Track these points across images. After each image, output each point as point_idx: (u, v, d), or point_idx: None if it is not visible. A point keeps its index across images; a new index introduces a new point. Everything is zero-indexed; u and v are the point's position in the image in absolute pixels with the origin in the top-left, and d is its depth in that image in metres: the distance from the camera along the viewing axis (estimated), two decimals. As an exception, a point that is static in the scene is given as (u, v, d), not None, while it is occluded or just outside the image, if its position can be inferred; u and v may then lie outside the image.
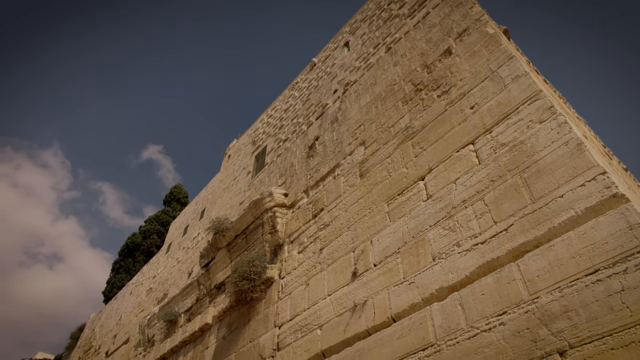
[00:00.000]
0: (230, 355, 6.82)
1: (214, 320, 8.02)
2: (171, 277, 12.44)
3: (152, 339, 10.29)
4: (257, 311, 6.81)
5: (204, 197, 14.31)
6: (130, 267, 24.40)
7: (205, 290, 8.86)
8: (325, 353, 5.02)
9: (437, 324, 3.93)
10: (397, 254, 4.79)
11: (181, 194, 28.74)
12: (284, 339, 5.81)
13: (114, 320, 15.82)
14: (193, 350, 8.23)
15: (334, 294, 5.39)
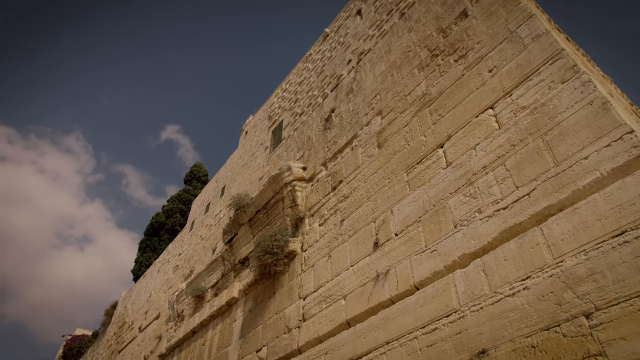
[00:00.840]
0: (258, 327, 7.01)
1: (239, 294, 8.22)
2: (196, 254, 12.74)
3: (181, 314, 10.64)
4: (282, 284, 6.94)
5: (223, 174, 14.46)
6: (156, 246, 25.04)
7: (230, 266, 9.06)
8: (350, 322, 5.12)
9: (460, 291, 3.95)
10: (418, 222, 4.79)
11: (201, 173, 29.08)
12: (309, 310, 5.93)
13: (144, 297, 16.37)
14: (222, 324, 8.49)
15: (356, 264, 5.45)
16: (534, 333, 3.19)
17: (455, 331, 3.81)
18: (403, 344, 4.27)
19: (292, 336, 6.03)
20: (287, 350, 5.95)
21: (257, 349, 6.74)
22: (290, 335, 6.09)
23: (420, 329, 4.15)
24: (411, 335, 4.22)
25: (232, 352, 7.50)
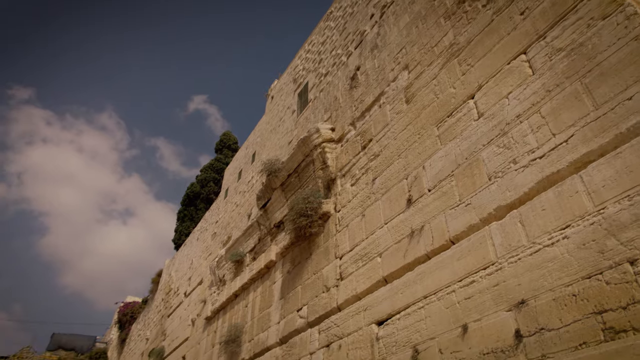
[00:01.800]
0: (297, 288, 7.22)
1: (277, 257, 8.43)
2: (232, 221, 13.06)
3: (223, 279, 11.05)
4: (317, 245, 7.07)
5: (252, 141, 14.56)
6: (193, 215, 25.82)
7: (266, 230, 9.26)
8: (387, 279, 5.19)
9: (497, 243, 3.91)
10: (450, 177, 4.71)
11: (231, 141, 29.38)
12: (346, 269, 6.04)
13: (186, 264, 17.05)
14: (262, 286, 8.78)
15: (390, 222, 5.46)
16: (574, 282, 3.15)
17: (493, 283, 3.80)
18: (441, 298, 4.31)
19: (330, 295, 6.18)
20: (327, 309, 6.12)
21: (297, 308, 6.96)
22: (329, 294, 6.24)
23: (458, 283, 4.17)
24: (449, 289, 4.25)
25: (274, 312, 7.78)
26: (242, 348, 8.53)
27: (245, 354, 8.31)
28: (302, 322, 6.66)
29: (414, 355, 4.38)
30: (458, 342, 3.95)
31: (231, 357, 8.88)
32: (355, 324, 5.49)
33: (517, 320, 3.47)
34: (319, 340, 6.13)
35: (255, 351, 7.91)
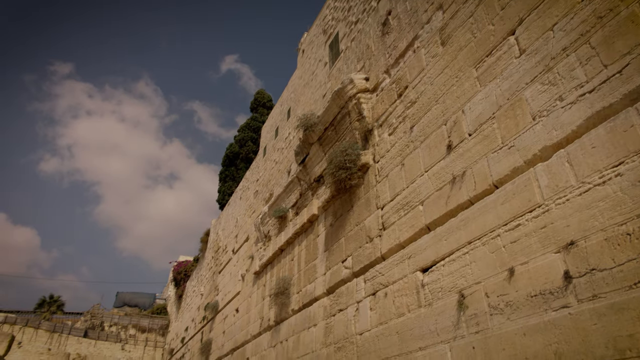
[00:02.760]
0: (340, 240, 7.35)
1: (319, 210, 8.56)
2: (273, 178, 13.28)
3: (267, 235, 11.39)
4: (358, 197, 7.10)
5: (286, 97, 14.48)
6: (234, 175, 26.41)
7: (306, 185, 9.37)
8: (429, 226, 5.18)
9: (543, 185, 3.79)
10: (492, 119, 4.54)
11: (265, 99, 29.37)
12: (388, 219, 6.06)
13: (232, 223, 17.64)
14: (306, 240, 9.00)
15: (430, 169, 5.38)
16: (628, 220, 3.03)
17: (540, 225, 3.72)
18: (485, 243, 4.28)
19: (374, 245, 6.27)
20: (371, 258, 6.23)
21: (342, 259, 7.12)
22: (372, 244, 6.33)
23: (503, 227, 4.11)
24: (493, 234, 4.20)
25: (319, 264, 8.00)
26: (291, 299, 8.89)
27: (294, 304, 8.67)
28: (348, 272, 6.82)
29: (459, 300, 4.43)
30: (504, 285, 3.94)
31: (281, 308, 9.29)
32: (400, 272, 5.57)
33: (566, 262, 3.41)
34: (365, 289, 6.29)
35: (304, 302, 8.23)
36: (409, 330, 5.12)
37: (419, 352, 4.86)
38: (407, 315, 5.21)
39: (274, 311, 9.64)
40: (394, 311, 5.48)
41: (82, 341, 31.42)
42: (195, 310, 20.92)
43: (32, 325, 30.76)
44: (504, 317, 3.87)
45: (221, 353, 13.54)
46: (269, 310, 10.07)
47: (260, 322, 10.58)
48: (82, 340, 31.45)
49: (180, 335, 23.86)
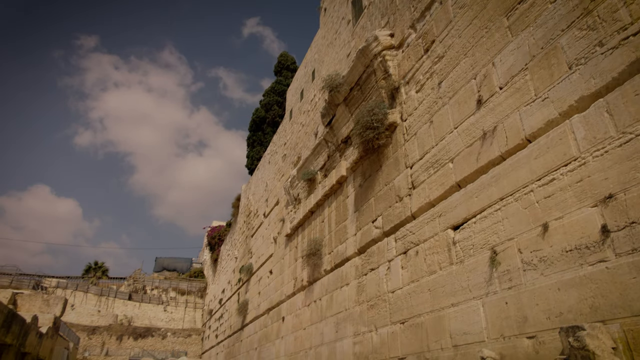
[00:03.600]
0: (370, 200, 7.35)
1: (347, 172, 8.55)
2: (300, 141, 13.27)
3: (297, 198, 11.51)
4: (387, 156, 7.03)
5: (310, 58, 14.23)
6: (262, 140, 26.55)
7: (334, 147, 9.33)
8: (460, 184, 5.10)
9: (579, 137, 3.64)
10: (524, 71, 4.34)
11: (289, 61, 28.99)
12: (417, 177, 6.00)
13: (262, 187, 17.89)
14: (335, 201, 9.05)
15: (460, 126, 5.25)
16: (672, 169, 2.89)
17: (576, 179, 3.60)
18: (518, 199, 4.19)
19: (404, 204, 6.25)
20: (401, 217, 6.22)
21: (372, 219, 7.15)
22: (402, 203, 6.31)
23: (536, 182, 4.01)
24: (526, 189, 4.11)
25: (349, 225, 8.07)
26: (323, 260, 9.06)
27: (326, 265, 8.84)
28: (378, 232, 6.86)
29: (492, 256, 4.40)
30: (538, 241, 3.88)
31: (314, 269, 9.49)
32: (430, 231, 5.56)
33: (604, 216, 3.31)
34: (395, 248, 6.33)
35: (335, 262, 8.37)
36: (440, 288, 5.16)
37: (451, 309, 4.90)
38: (439, 272, 5.24)
39: (307, 272, 9.87)
40: (426, 269, 5.51)
41: (127, 303, 33.25)
42: (230, 272, 21.66)
43: (81, 289, 32.69)
44: (537, 273, 3.84)
45: (258, 312, 14.06)
46: (301, 271, 10.31)
47: (293, 282, 10.87)
48: (127, 303, 33.27)
49: (217, 296, 24.86)
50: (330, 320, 8.21)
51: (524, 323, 3.88)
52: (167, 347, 30.55)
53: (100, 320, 31.54)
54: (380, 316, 6.42)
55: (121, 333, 30.76)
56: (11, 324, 10.07)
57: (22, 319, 10.97)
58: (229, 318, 19.75)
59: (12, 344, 10.39)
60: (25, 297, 14.22)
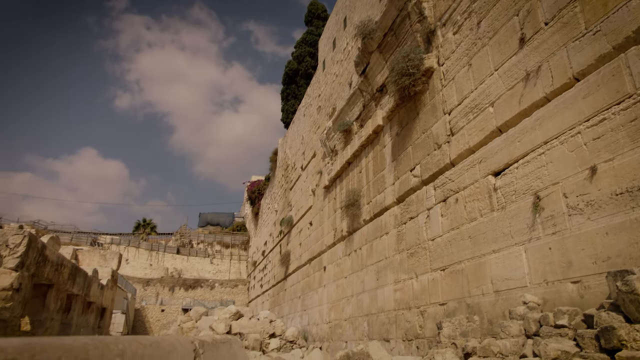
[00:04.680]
0: (407, 149, 7.24)
1: (383, 121, 8.40)
2: (334, 92, 13.07)
3: (334, 149, 11.49)
4: (424, 103, 6.84)
5: (341, 4, 13.71)
6: (296, 93, 26.32)
7: (369, 96, 9.14)
8: (501, 128, 4.92)
9: (635, 72, 3.39)
10: (574, 1, 4.02)
11: (319, 9, 28.07)
12: (456, 124, 5.83)
13: (298, 140, 17.93)
14: (372, 151, 8.97)
15: (501, 67, 4.99)
16: None
17: (630, 118, 3.39)
18: (564, 141, 4.01)
19: (442, 151, 6.12)
20: (440, 165, 6.12)
21: (410, 168, 7.06)
22: (440, 150, 6.18)
23: (584, 123, 3.80)
24: (573, 131, 3.91)
25: (387, 174, 8.02)
26: (362, 210, 9.12)
27: (365, 215, 8.90)
28: (416, 180, 6.80)
29: (535, 201, 4.29)
30: (585, 184, 3.73)
31: (353, 219, 9.59)
32: (470, 177, 5.45)
33: (659, 155, 3.12)
34: (435, 196, 6.27)
35: (374, 212, 8.41)
36: (481, 234, 5.11)
37: (492, 255, 4.87)
38: (480, 219, 5.17)
39: (346, 222, 10.00)
40: (466, 216, 5.46)
41: (176, 257, 35.08)
42: (271, 225, 22.26)
43: (133, 245, 34.66)
44: (583, 217, 3.72)
45: (300, 263, 14.51)
46: (341, 221, 10.46)
47: (333, 233, 11.06)
48: (176, 257, 35.10)
49: (260, 248, 25.76)
50: (371, 268, 8.37)
51: (569, 268, 3.82)
52: (216, 297, 32.30)
53: (152, 273, 33.56)
54: (420, 264, 6.48)
55: (173, 284, 32.70)
56: (76, 277, 10.89)
57: (84, 272, 11.82)
58: (272, 269, 20.52)
59: (78, 294, 11.28)
60: (84, 252, 15.23)
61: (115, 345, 0.72)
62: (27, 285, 8.05)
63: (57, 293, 9.88)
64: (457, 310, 5.41)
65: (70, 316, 10.95)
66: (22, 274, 7.66)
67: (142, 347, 0.83)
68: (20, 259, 7.63)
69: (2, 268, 7.42)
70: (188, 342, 1.06)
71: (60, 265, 9.58)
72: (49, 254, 8.94)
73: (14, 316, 7.49)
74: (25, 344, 0.53)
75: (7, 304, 7.31)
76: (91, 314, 12.96)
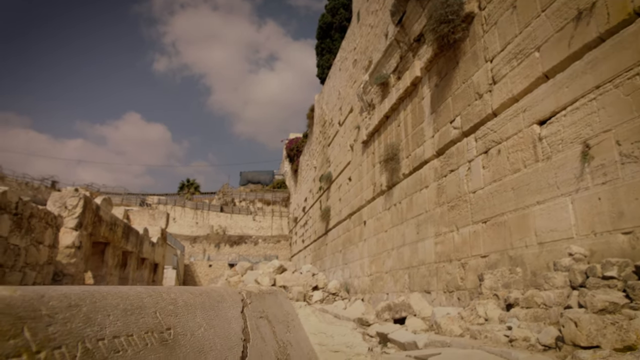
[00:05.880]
0: (447, 100, 7.02)
1: (422, 72, 8.13)
2: (370, 44, 12.68)
3: (371, 103, 11.29)
4: (464, 51, 6.54)
5: (375, -51, 13.04)
6: (330, 47, 25.73)
7: (406, 47, 8.82)
8: (548, 74, 4.66)
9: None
10: None
11: (352, -44, 26.85)
12: (499, 71, 5.56)
13: (334, 96, 17.70)
14: (411, 104, 8.76)
15: (549, 7, 4.66)
16: None
17: (693, 55, 3.12)
18: (619, 85, 3.76)
19: (484, 101, 5.89)
20: (482, 116, 5.91)
21: (450, 120, 6.87)
22: (482, 100, 5.95)
23: (642, 63, 3.53)
24: (630, 73, 3.66)
25: (426, 127, 7.85)
26: (401, 164, 9.03)
27: (404, 169, 8.82)
28: (457, 132, 6.62)
29: (584, 150, 4.10)
30: (640, 130, 3.52)
31: (392, 173, 9.54)
32: (514, 127, 5.25)
33: None
34: (476, 148, 6.11)
35: (413, 165, 8.32)
36: (525, 186, 4.97)
37: (536, 207, 4.75)
38: (523, 170, 5.02)
39: (385, 177, 9.96)
40: (509, 167, 5.30)
41: (220, 215, 36.35)
42: (310, 181, 22.50)
43: (179, 204, 36.13)
44: (638, 166, 3.53)
45: (340, 218, 14.70)
46: (380, 176, 10.42)
47: (372, 188, 11.07)
48: (220, 215, 36.37)
49: (300, 205, 26.21)
50: (411, 222, 8.38)
51: (619, 219, 3.68)
52: (260, 252, 33.50)
53: (198, 231, 35.03)
54: (461, 216, 6.42)
55: (218, 241, 34.09)
56: (129, 235, 11.56)
57: (136, 231, 12.51)
58: (313, 224, 20.92)
59: (132, 251, 12.00)
60: (134, 212, 16.03)
61: (167, 294, 0.77)
62: (87, 243, 8.62)
63: (114, 250, 10.54)
64: (499, 263, 5.37)
65: (126, 272, 11.72)
66: (81, 232, 8.19)
67: (193, 297, 0.88)
68: (79, 219, 8.14)
69: (64, 228, 7.96)
70: (235, 292, 1.12)
71: (114, 224, 10.16)
72: (103, 215, 9.47)
73: (79, 271, 8.09)
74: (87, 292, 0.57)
75: (72, 260, 7.89)
76: (145, 270, 13.80)
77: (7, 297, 0.47)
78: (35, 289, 0.52)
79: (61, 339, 0.50)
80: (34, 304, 0.49)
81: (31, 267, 7.13)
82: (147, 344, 0.64)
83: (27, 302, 0.49)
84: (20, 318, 0.47)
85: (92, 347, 0.53)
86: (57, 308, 0.52)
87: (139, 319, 0.66)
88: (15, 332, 0.45)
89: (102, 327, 0.57)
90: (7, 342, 0.43)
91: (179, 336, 0.73)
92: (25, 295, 0.50)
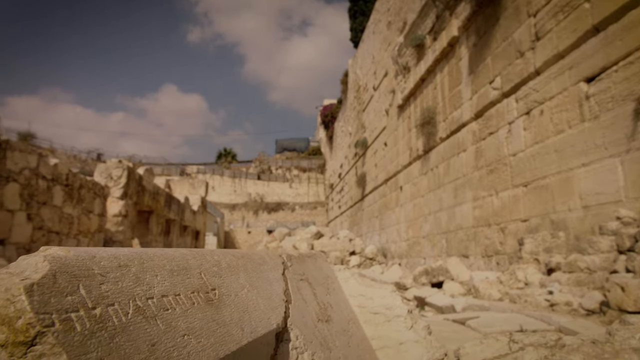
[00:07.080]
0: (486, 60, 6.73)
1: (459, 31, 7.80)
2: (404, 5, 12.22)
3: (406, 66, 10.99)
4: (504, 7, 6.20)
5: None
6: (363, 9, 24.97)
7: (442, 5, 8.45)
8: (598, 27, 4.37)
9: None
10: None
11: None
12: (543, 27, 5.26)
13: (369, 60, 17.31)
14: (447, 65, 8.46)
15: (600, -46, 4.32)
16: None
17: None
18: (676, 35, 3.48)
19: (525, 60, 5.62)
20: (523, 75, 5.65)
21: (489, 80, 6.61)
22: (523, 59, 5.68)
23: None
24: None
25: (464, 89, 7.59)
26: (438, 128, 8.83)
27: (441, 132, 8.63)
28: (496, 93, 6.37)
29: (636, 107, 3.88)
30: (700, 83, 3.27)
31: (428, 137, 9.35)
32: (558, 86, 5.00)
33: None
34: (517, 109, 5.88)
35: (451, 129, 8.12)
36: (569, 147, 4.77)
37: (581, 169, 4.57)
38: (567, 131, 4.81)
39: (422, 141, 9.78)
40: (552, 129, 5.09)
41: (257, 183, 36.99)
42: (346, 148, 22.41)
43: (217, 173, 36.97)
44: (695, 121, 3.31)
45: (376, 183, 14.66)
46: (416, 140, 10.25)
47: (409, 152, 10.92)
48: (257, 182, 37.00)
49: (336, 171, 26.25)
50: (448, 186, 8.25)
51: (672, 178, 3.49)
52: (297, 219, 34.04)
53: (237, 199, 35.86)
54: (500, 180, 6.26)
55: (256, 208, 34.83)
56: (171, 204, 11.99)
57: (177, 199, 12.95)
58: (349, 190, 20.98)
59: (175, 219, 12.48)
60: (175, 182, 16.54)
61: (211, 256, 0.80)
62: (132, 212, 9.02)
63: (157, 218, 10.99)
64: (540, 227, 5.24)
65: (170, 238, 12.22)
66: (126, 202, 8.57)
67: (235, 259, 0.92)
68: (124, 189, 8.50)
69: (111, 197, 8.34)
70: (276, 255, 1.16)
71: (156, 193, 10.55)
72: (146, 184, 9.83)
73: (126, 238, 8.51)
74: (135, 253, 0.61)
75: (119, 228, 8.30)
76: (187, 236, 14.35)
77: (63, 257, 0.51)
78: (86, 250, 0.55)
79: (113, 296, 0.53)
80: (87, 264, 0.53)
81: (84, 235, 7.56)
82: (193, 303, 0.67)
83: (80, 262, 0.52)
84: (76, 276, 0.50)
85: (143, 305, 0.57)
86: (107, 268, 0.55)
87: (185, 279, 0.70)
88: (72, 289, 0.48)
89: (150, 287, 0.61)
90: (65, 298, 0.47)
91: (224, 296, 0.76)
92: (79, 255, 0.53)
